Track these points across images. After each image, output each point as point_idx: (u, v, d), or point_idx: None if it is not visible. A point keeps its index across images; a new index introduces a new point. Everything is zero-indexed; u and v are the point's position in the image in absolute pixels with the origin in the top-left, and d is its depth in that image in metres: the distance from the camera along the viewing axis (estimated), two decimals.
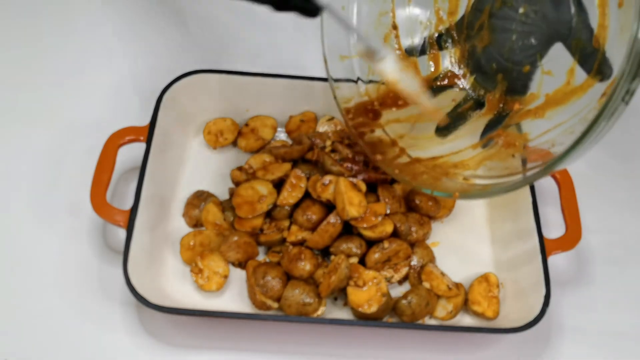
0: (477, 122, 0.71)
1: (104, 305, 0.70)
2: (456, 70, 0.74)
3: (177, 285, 0.71)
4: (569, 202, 0.73)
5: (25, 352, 0.67)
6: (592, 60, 0.58)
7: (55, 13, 0.97)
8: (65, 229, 0.75)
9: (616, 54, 0.52)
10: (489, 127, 0.70)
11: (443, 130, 0.73)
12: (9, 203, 0.77)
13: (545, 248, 0.69)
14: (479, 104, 0.72)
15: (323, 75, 0.72)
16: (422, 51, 0.75)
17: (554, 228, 0.78)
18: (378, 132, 0.73)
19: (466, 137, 0.72)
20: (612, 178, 0.86)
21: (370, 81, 0.73)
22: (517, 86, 0.68)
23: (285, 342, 0.70)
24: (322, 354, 0.69)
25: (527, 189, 0.74)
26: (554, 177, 0.76)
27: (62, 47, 0.93)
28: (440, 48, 0.74)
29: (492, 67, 0.70)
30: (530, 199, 0.73)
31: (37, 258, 0.73)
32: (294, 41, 0.94)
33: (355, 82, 0.73)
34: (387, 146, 0.72)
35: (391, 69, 0.61)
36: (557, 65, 0.63)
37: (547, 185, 0.78)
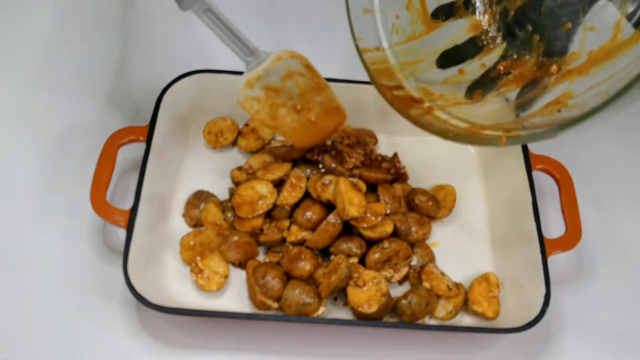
0: (510, 87, 0.67)
1: (104, 305, 0.70)
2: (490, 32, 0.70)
3: (177, 285, 0.71)
4: (569, 202, 0.73)
5: (25, 352, 0.67)
6: (637, 9, 0.56)
7: (55, 13, 0.96)
8: (65, 229, 0.75)
9: None
10: (523, 93, 0.65)
11: (473, 94, 0.68)
12: (9, 203, 0.77)
13: (545, 248, 0.69)
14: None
15: (323, 75, 0.71)
16: (449, 13, 0.70)
17: (554, 228, 0.78)
18: (404, 90, 0.69)
19: (500, 100, 0.67)
20: (612, 178, 0.86)
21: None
22: (557, 47, 0.64)
23: (285, 342, 0.70)
24: (322, 354, 0.69)
25: (526, 189, 0.74)
26: (553, 177, 0.76)
27: (63, 47, 0.93)
28: (468, 11, 0.70)
29: (527, 29, 0.66)
30: (530, 199, 0.73)
31: (37, 258, 0.73)
32: (294, 41, 0.94)
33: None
34: (413, 104, 0.68)
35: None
36: (601, 21, 0.61)
37: (547, 185, 0.79)
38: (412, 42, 0.70)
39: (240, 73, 0.79)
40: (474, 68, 0.70)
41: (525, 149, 0.77)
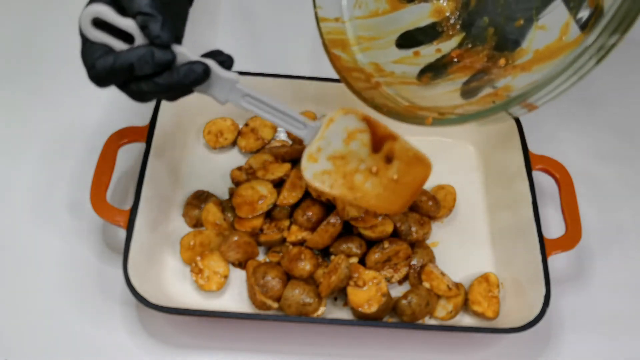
0: (459, 75, 0.68)
1: (104, 305, 0.70)
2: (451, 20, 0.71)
3: (177, 285, 0.71)
4: (569, 202, 0.73)
5: (25, 352, 0.67)
6: (589, 15, 0.57)
7: (55, 13, 0.97)
8: (65, 229, 0.75)
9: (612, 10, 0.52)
10: (470, 81, 0.66)
11: (423, 77, 0.69)
12: (9, 203, 0.77)
13: (545, 248, 0.69)
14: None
15: (323, 75, 0.72)
16: None
17: (554, 228, 0.78)
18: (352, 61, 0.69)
19: (446, 85, 0.68)
20: (612, 178, 0.86)
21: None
22: (508, 42, 0.66)
23: (285, 342, 0.70)
24: (322, 354, 0.69)
25: (526, 189, 0.74)
26: (553, 177, 0.76)
27: (63, 47, 0.93)
28: None
29: (485, 21, 0.68)
30: (530, 199, 0.73)
31: (37, 258, 0.73)
32: (295, 41, 0.94)
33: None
34: (360, 77, 0.68)
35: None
36: (551, 20, 0.62)
37: (547, 185, 0.79)
38: (373, 19, 0.70)
39: (239, 73, 0.80)
40: (429, 52, 0.70)
41: (525, 149, 0.77)
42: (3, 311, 0.70)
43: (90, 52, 0.54)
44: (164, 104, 0.76)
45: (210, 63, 0.55)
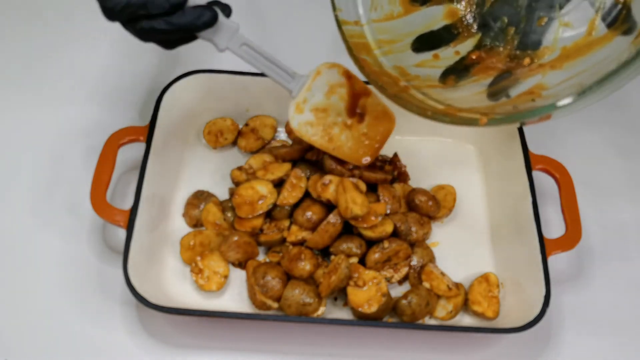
0: (483, 76, 0.68)
1: (104, 305, 0.70)
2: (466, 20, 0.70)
3: (177, 285, 0.71)
4: (569, 202, 0.73)
5: (25, 352, 0.67)
6: (616, 13, 0.57)
7: (55, 12, 0.97)
8: (65, 229, 0.75)
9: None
10: (496, 82, 0.66)
11: (447, 79, 0.68)
12: (9, 203, 0.77)
13: (545, 248, 0.69)
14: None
15: None
16: (424, 0, 0.71)
17: (554, 228, 0.78)
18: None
19: (472, 87, 0.67)
20: (612, 178, 0.86)
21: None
22: (531, 40, 0.65)
23: (285, 342, 0.70)
24: (322, 354, 0.69)
25: (526, 189, 0.74)
26: (554, 177, 0.76)
27: (63, 47, 0.93)
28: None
29: (503, 20, 0.67)
30: (530, 199, 0.73)
31: (37, 258, 0.73)
32: (295, 40, 0.94)
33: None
34: (389, 81, 0.68)
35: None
36: (576, 17, 0.62)
37: (547, 185, 0.79)
38: (389, 22, 0.70)
39: (240, 73, 0.80)
40: (448, 54, 0.70)
41: (525, 149, 0.77)
42: (3, 311, 0.70)
43: None
44: (164, 103, 0.76)
45: (216, 9, 0.59)
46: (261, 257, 0.74)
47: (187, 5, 0.57)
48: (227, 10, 0.63)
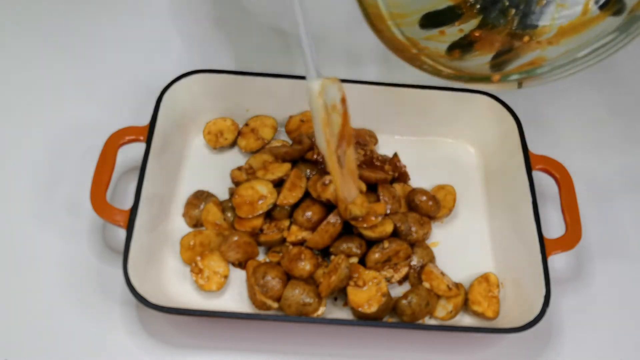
0: (485, 51, 0.71)
1: (104, 305, 0.70)
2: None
3: (177, 285, 0.71)
4: (569, 202, 0.73)
5: (25, 352, 0.67)
6: None
7: (55, 13, 0.97)
8: (65, 229, 0.75)
9: None
10: (498, 56, 0.70)
11: (452, 52, 0.71)
12: (9, 203, 0.77)
13: (545, 248, 0.69)
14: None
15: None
16: None
17: (554, 228, 0.78)
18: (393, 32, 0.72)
19: (477, 60, 0.71)
20: (612, 178, 0.86)
21: None
22: (530, 20, 0.69)
23: (285, 342, 0.70)
24: (322, 354, 0.69)
25: (526, 189, 0.74)
26: (554, 177, 0.76)
27: (62, 47, 0.93)
28: None
29: (504, 2, 0.70)
30: (530, 199, 0.73)
31: (37, 258, 0.73)
32: (294, 41, 0.94)
33: None
34: (403, 49, 0.70)
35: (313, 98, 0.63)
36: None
37: (547, 185, 0.79)
38: None
39: (240, 73, 0.80)
40: (453, 32, 0.72)
41: (525, 149, 0.77)
42: (3, 311, 0.70)
43: None
44: (164, 103, 0.76)
45: None
46: (261, 257, 0.74)
47: None
48: None
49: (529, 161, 0.76)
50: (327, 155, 0.65)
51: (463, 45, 0.71)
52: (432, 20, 0.72)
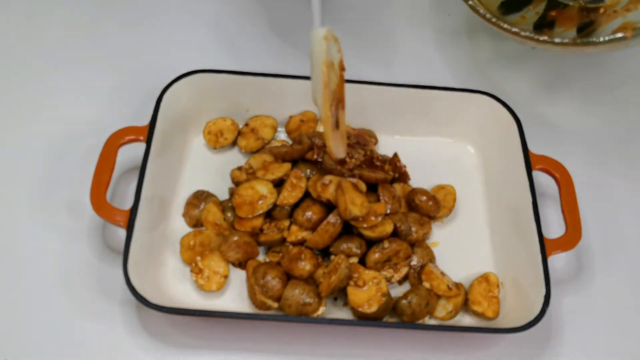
0: (567, 26, 0.81)
1: (104, 305, 0.70)
2: None
3: (177, 285, 0.71)
4: (569, 202, 0.73)
5: (25, 352, 0.67)
6: None
7: (55, 13, 0.97)
8: (65, 229, 0.75)
9: None
10: (582, 29, 0.78)
11: (542, 32, 0.80)
12: (9, 203, 0.77)
13: (545, 248, 0.69)
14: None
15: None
16: None
17: (554, 228, 0.78)
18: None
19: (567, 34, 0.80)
20: (612, 178, 0.86)
21: None
22: None
23: (285, 342, 0.70)
24: (322, 354, 0.69)
25: (526, 189, 0.74)
26: (554, 177, 0.76)
27: (63, 47, 0.93)
28: None
29: None
30: (530, 199, 0.73)
31: (37, 258, 0.73)
32: (295, 40, 0.94)
33: None
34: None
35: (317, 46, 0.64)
36: None
37: (547, 185, 0.79)
38: None
39: (240, 73, 0.80)
40: (531, 15, 0.83)
41: (525, 149, 0.77)
42: (3, 311, 0.70)
43: None
44: (164, 103, 0.76)
45: None
46: (261, 257, 0.74)
47: None
48: None
49: (529, 161, 0.76)
50: (321, 106, 0.67)
51: (545, 25, 0.81)
52: (509, 6, 0.84)
